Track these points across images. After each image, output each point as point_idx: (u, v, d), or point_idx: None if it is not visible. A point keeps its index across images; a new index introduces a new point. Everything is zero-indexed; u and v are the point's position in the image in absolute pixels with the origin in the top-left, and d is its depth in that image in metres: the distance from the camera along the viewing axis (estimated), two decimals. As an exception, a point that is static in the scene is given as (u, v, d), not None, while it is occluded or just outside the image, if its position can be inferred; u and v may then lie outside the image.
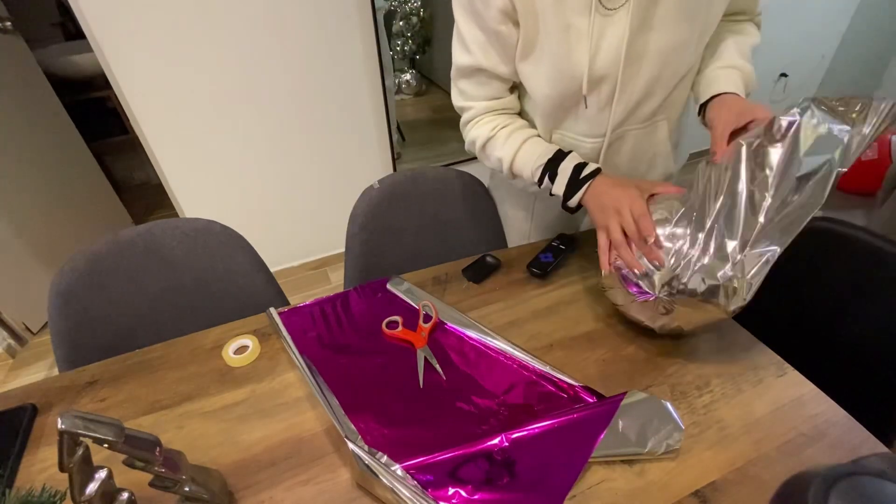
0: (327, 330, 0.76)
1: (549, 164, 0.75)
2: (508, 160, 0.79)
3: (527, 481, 0.54)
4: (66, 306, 0.80)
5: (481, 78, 0.76)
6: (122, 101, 1.50)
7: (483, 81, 0.77)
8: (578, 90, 0.70)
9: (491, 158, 0.83)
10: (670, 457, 0.56)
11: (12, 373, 1.72)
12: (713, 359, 0.69)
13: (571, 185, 0.73)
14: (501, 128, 0.80)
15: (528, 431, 0.58)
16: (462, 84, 0.79)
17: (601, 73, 0.68)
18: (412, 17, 1.85)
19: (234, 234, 0.93)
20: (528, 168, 0.78)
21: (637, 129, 0.78)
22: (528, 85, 0.75)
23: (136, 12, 1.37)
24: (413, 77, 2.07)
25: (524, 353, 0.69)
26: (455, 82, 0.80)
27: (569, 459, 0.55)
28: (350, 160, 1.95)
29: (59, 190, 1.94)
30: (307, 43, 1.62)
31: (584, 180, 0.71)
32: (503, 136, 0.79)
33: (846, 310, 0.80)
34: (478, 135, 0.81)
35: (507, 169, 0.81)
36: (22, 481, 0.57)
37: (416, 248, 1.06)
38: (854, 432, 0.59)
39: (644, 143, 0.80)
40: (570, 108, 0.75)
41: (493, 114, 0.81)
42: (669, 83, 0.72)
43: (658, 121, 0.78)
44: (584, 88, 0.69)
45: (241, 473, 0.57)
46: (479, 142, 0.82)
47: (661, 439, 0.55)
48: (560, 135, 0.80)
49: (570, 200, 0.73)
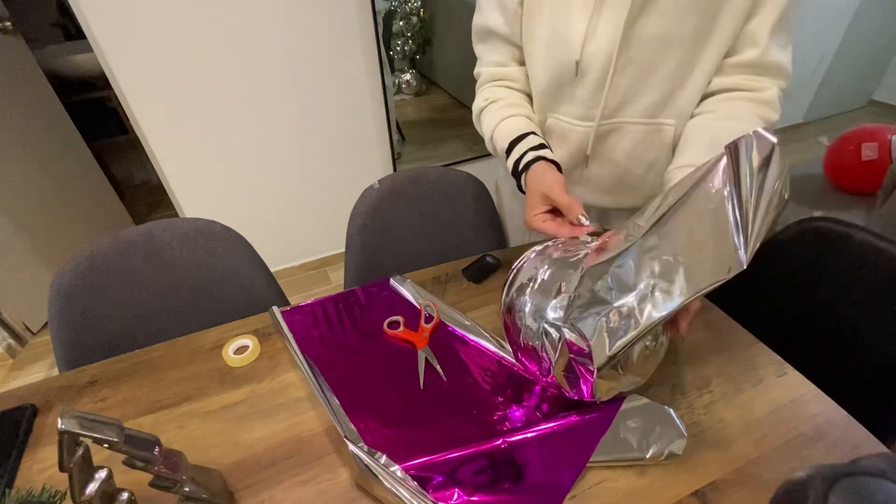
0: (329, 329, 0.76)
1: (515, 140, 0.76)
2: (490, 132, 0.81)
3: (526, 483, 0.54)
4: (66, 306, 0.81)
5: (491, 41, 0.80)
6: (122, 101, 1.50)
7: (493, 45, 0.80)
8: (573, 61, 0.71)
9: (482, 131, 0.85)
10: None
11: (12, 373, 1.72)
12: (713, 359, 0.69)
13: (516, 168, 0.75)
14: (493, 101, 0.82)
15: (528, 434, 0.58)
16: (478, 49, 0.83)
17: (597, 46, 0.68)
18: (412, 17, 1.85)
19: (234, 234, 0.93)
20: (501, 142, 0.79)
21: (637, 124, 0.76)
22: (528, 53, 0.77)
23: (136, 12, 1.37)
24: (413, 77, 2.07)
25: (524, 354, 0.69)
26: (475, 48, 0.84)
27: (568, 462, 0.55)
28: (350, 160, 1.95)
29: (60, 190, 1.94)
30: (307, 42, 1.62)
31: (530, 163, 0.72)
32: (494, 108, 0.81)
33: (846, 309, 0.80)
34: (476, 104, 0.85)
35: (489, 141, 0.83)
36: (22, 481, 0.57)
37: (416, 248, 1.06)
38: (854, 432, 0.58)
39: (644, 144, 0.78)
40: (565, 84, 0.75)
41: (495, 84, 0.83)
42: (668, 80, 0.71)
43: (664, 124, 0.75)
44: (577, 54, 0.70)
45: (241, 473, 0.57)
46: (476, 111, 0.85)
47: (663, 446, 0.55)
48: (555, 119, 0.80)
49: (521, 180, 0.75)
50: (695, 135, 0.71)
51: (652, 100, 0.73)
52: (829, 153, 1.63)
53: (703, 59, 0.69)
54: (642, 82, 0.71)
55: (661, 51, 0.68)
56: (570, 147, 0.81)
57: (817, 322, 0.83)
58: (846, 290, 0.79)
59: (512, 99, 0.82)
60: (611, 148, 0.80)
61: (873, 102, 3.47)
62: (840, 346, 0.79)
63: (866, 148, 1.48)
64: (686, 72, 0.70)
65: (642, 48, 0.68)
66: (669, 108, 0.74)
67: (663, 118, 0.75)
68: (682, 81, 0.71)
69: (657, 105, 0.74)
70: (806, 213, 0.87)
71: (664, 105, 0.74)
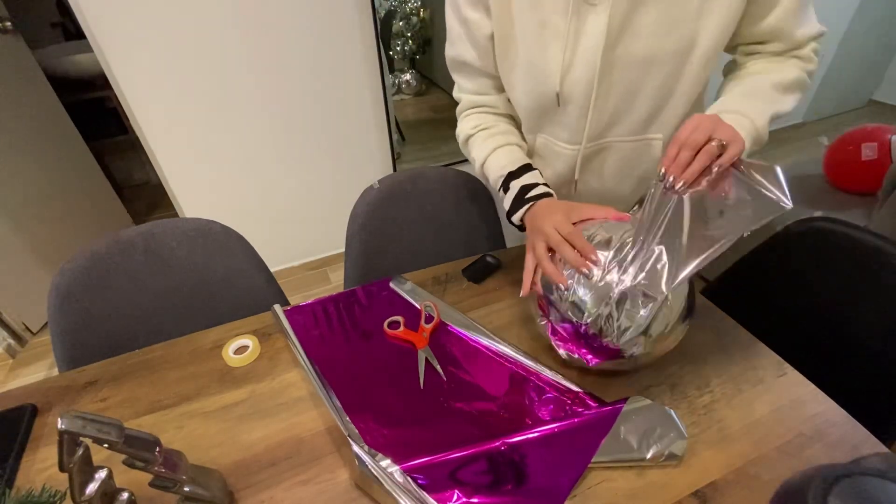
0: (329, 329, 0.76)
1: (508, 176, 0.74)
2: (480, 162, 0.80)
3: (527, 485, 0.53)
4: (66, 306, 0.80)
5: (466, 71, 0.78)
6: (122, 101, 1.50)
7: (469, 75, 0.79)
8: (554, 92, 0.69)
9: (470, 157, 0.83)
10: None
11: (12, 373, 1.72)
12: (713, 359, 0.69)
13: (516, 203, 0.72)
14: (482, 129, 0.80)
15: (529, 435, 0.58)
16: (454, 75, 0.81)
17: (576, 75, 0.67)
18: (412, 17, 1.85)
19: (234, 234, 0.93)
20: (492, 175, 0.78)
21: (625, 142, 0.75)
22: (507, 84, 0.76)
23: (136, 12, 1.37)
24: (413, 77, 2.07)
25: (525, 357, 0.69)
26: (451, 74, 0.82)
27: (569, 464, 0.55)
28: (350, 160, 1.95)
29: (59, 190, 1.94)
30: (307, 42, 1.62)
31: (528, 200, 0.70)
32: (481, 137, 0.80)
33: (846, 310, 0.80)
34: (462, 129, 0.84)
35: (479, 170, 0.81)
36: (22, 481, 0.57)
37: (416, 249, 1.06)
38: (854, 432, 0.59)
39: (633, 159, 0.77)
40: (548, 111, 0.74)
41: (479, 111, 0.82)
42: (653, 98, 0.69)
43: (652, 139, 0.74)
44: (556, 86, 0.68)
45: (241, 473, 0.57)
46: (462, 137, 0.84)
47: (663, 447, 0.55)
48: (544, 139, 0.79)
49: (514, 217, 0.73)
50: (730, 86, 0.70)
51: (639, 118, 0.72)
52: (829, 153, 1.63)
53: (687, 71, 0.66)
54: (627, 104, 0.70)
55: (643, 71, 0.66)
56: (558, 168, 0.81)
57: (817, 322, 0.83)
58: (846, 290, 0.79)
59: (502, 128, 0.80)
60: (598, 167, 0.79)
61: (873, 102, 3.47)
62: (840, 346, 0.79)
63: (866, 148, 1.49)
64: (671, 86, 0.68)
65: (625, 71, 0.66)
66: (657, 124, 0.73)
67: (651, 133, 0.74)
68: (669, 96, 0.69)
69: (644, 122, 0.72)
70: (806, 213, 0.87)
71: (651, 121, 0.72)
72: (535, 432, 0.58)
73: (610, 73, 0.66)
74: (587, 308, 0.56)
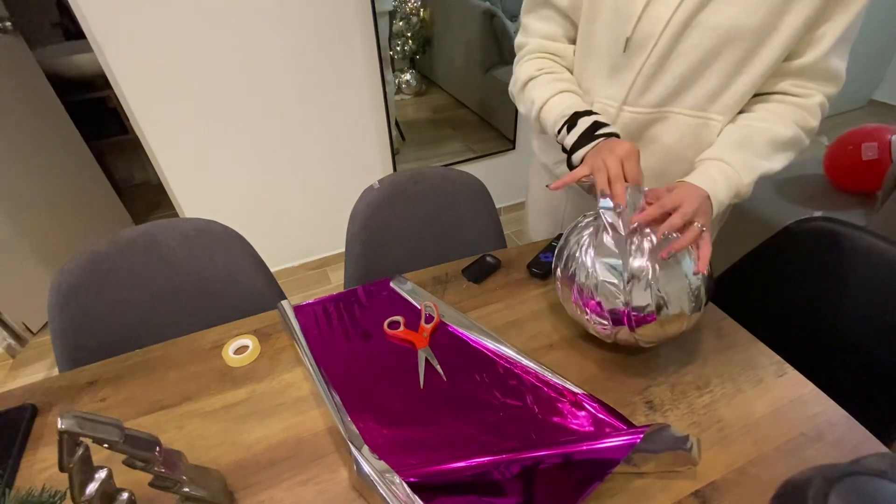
0: (329, 328, 0.76)
1: (574, 115, 0.74)
2: (541, 103, 0.78)
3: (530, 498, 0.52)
4: (66, 306, 0.80)
5: (546, 12, 0.78)
6: (122, 101, 1.50)
7: (546, 16, 0.78)
8: (624, 37, 0.69)
9: (525, 100, 0.82)
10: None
11: (12, 373, 1.72)
12: (713, 359, 0.69)
13: (583, 138, 0.71)
14: (547, 72, 0.80)
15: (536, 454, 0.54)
16: (527, 19, 0.81)
17: (650, 27, 0.67)
18: (412, 17, 1.84)
19: (234, 234, 0.93)
20: (553, 114, 0.76)
21: (686, 116, 0.73)
22: (584, 29, 0.75)
23: (135, 12, 1.37)
24: (413, 77, 2.07)
25: (525, 357, 0.69)
26: (522, 18, 0.82)
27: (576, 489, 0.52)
28: (350, 160, 1.95)
29: (59, 190, 1.94)
30: (307, 43, 1.62)
31: (597, 137, 0.70)
32: (546, 79, 0.79)
33: (846, 310, 0.80)
34: (522, 73, 0.81)
35: (536, 112, 0.80)
36: (22, 481, 0.57)
37: (416, 248, 1.06)
38: (854, 432, 0.59)
39: (690, 137, 0.74)
40: (616, 66, 0.73)
41: (544, 56, 0.81)
42: (724, 73, 0.68)
43: (711, 119, 0.72)
44: (629, 31, 0.68)
45: (241, 473, 0.57)
46: (521, 80, 0.82)
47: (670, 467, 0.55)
48: (600, 104, 0.78)
49: (575, 154, 0.72)
50: (726, 132, 0.71)
51: (705, 92, 0.70)
52: (829, 153, 1.63)
53: (762, 55, 0.66)
54: (697, 73, 0.69)
55: (723, 41, 0.66)
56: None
57: (817, 322, 0.83)
58: (846, 290, 0.79)
59: (566, 75, 0.80)
60: (651, 142, 0.78)
61: (873, 102, 3.47)
62: (840, 346, 0.80)
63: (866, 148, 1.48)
64: (743, 66, 0.68)
65: (705, 36, 0.66)
66: (720, 103, 0.71)
67: (712, 112, 0.72)
68: (738, 74, 0.68)
69: (709, 97, 0.71)
70: (806, 213, 0.87)
71: (715, 98, 0.71)
72: (544, 452, 0.53)
73: (690, 35, 0.66)
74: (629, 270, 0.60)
